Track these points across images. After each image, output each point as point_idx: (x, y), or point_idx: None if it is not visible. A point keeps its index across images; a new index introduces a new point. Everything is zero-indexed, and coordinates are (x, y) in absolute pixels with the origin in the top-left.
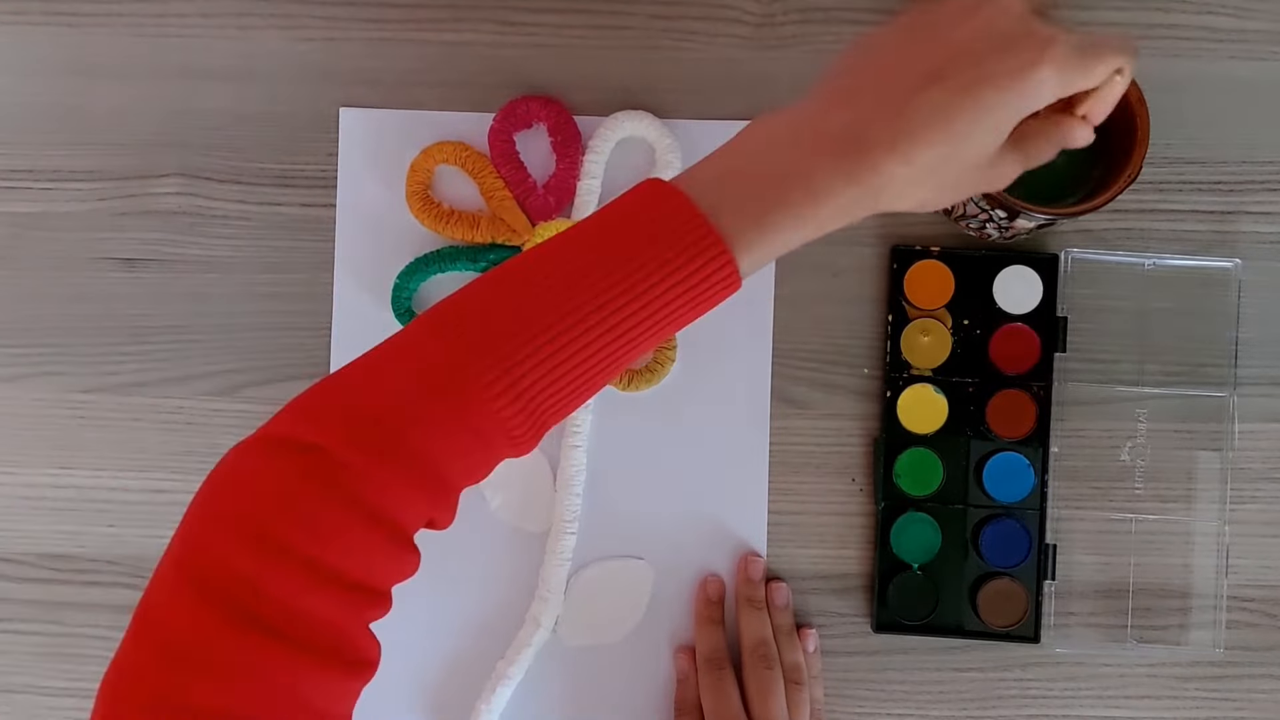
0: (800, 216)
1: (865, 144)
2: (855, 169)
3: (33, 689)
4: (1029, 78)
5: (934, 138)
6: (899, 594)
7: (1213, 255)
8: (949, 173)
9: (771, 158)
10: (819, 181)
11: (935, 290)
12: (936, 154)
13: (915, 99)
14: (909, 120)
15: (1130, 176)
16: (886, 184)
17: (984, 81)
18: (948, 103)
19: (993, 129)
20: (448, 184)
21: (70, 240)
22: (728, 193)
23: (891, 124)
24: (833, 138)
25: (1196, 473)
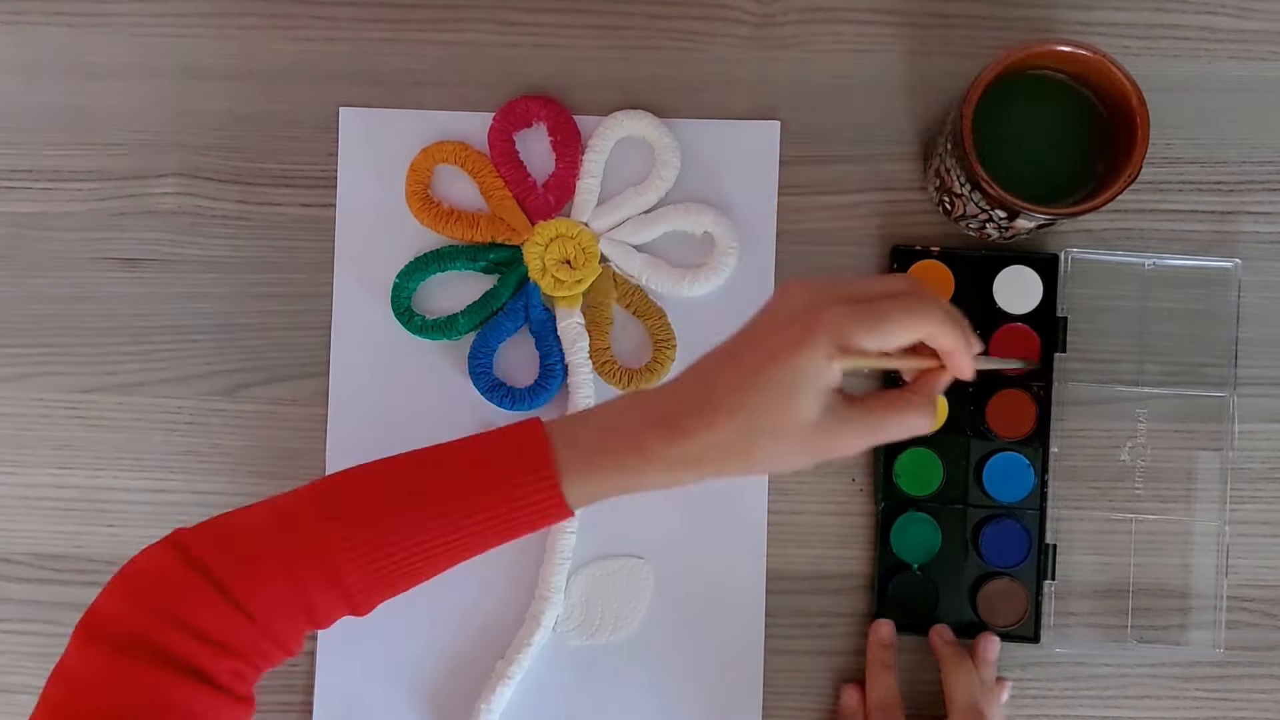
0: (624, 468)
1: (681, 415)
2: (671, 434)
3: (33, 689)
4: (803, 348)
5: (731, 407)
6: (899, 594)
7: (1212, 255)
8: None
9: (619, 418)
10: (644, 443)
11: (935, 289)
12: (739, 423)
13: (718, 378)
14: (711, 394)
15: (1130, 176)
16: (704, 450)
17: (764, 357)
18: (739, 378)
19: (787, 397)
20: (447, 183)
21: (70, 240)
22: (577, 437)
23: (701, 398)
24: (662, 408)
25: (1196, 472)
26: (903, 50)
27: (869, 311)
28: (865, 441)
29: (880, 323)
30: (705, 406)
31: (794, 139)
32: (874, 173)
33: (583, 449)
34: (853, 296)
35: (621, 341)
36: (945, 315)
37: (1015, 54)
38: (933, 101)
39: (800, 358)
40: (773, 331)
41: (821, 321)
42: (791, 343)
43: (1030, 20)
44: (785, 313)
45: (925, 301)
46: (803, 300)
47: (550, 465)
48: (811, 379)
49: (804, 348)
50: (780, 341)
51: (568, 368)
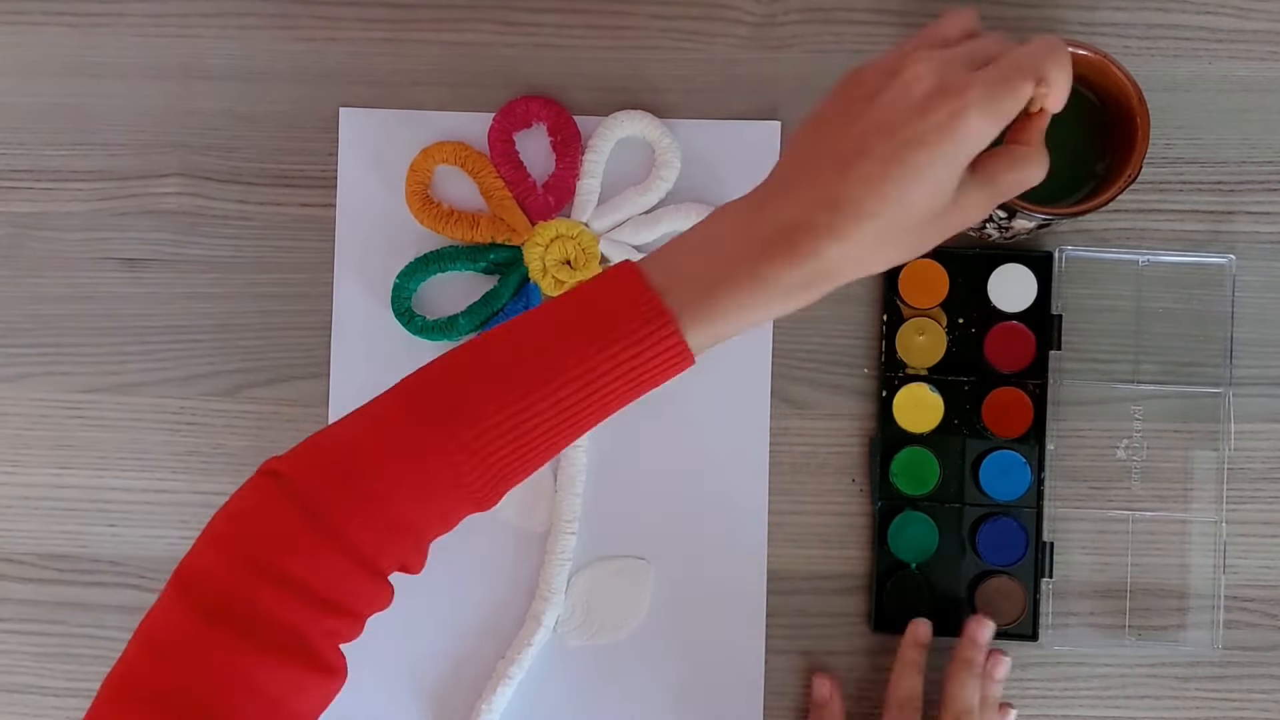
0: (744, 304)
1: (803, 232)
2: (798, 258)
3: (34, 689)
4: (954, 130)
5: (869, 211)
6: (897, 593)
7: (1207, 251)
8: (904, 232)
9: (723, 249)
10: (764, 274)
11: (930, 289)
12: (878, 225)
13: (845, 179)
14: (841, 201)
15: (1130, 176)
16: (833, 265)
17: (908, 146)
18: (875, 175)
19: (930, 186)
20: (447, 184)
21: (71, 240)
22: (681, 278)
23: (827, 209)
24: (775, 230)
25: (1193, 470)
26: None
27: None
28: (991, 206)
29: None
30: (835, 215)
31: None
32: None
33: (695, 289)
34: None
35: None
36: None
37: None
38: None
39: (951, 142)
40: (907, 120)
41: (970, 102)
42: (939, 128)
43: (1030, 20)
44: (915, 93)
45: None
46: (932, 78)
47: (665, 314)
48: (959, 162)
49: (955, 133)
50: (922, 129)
51: None
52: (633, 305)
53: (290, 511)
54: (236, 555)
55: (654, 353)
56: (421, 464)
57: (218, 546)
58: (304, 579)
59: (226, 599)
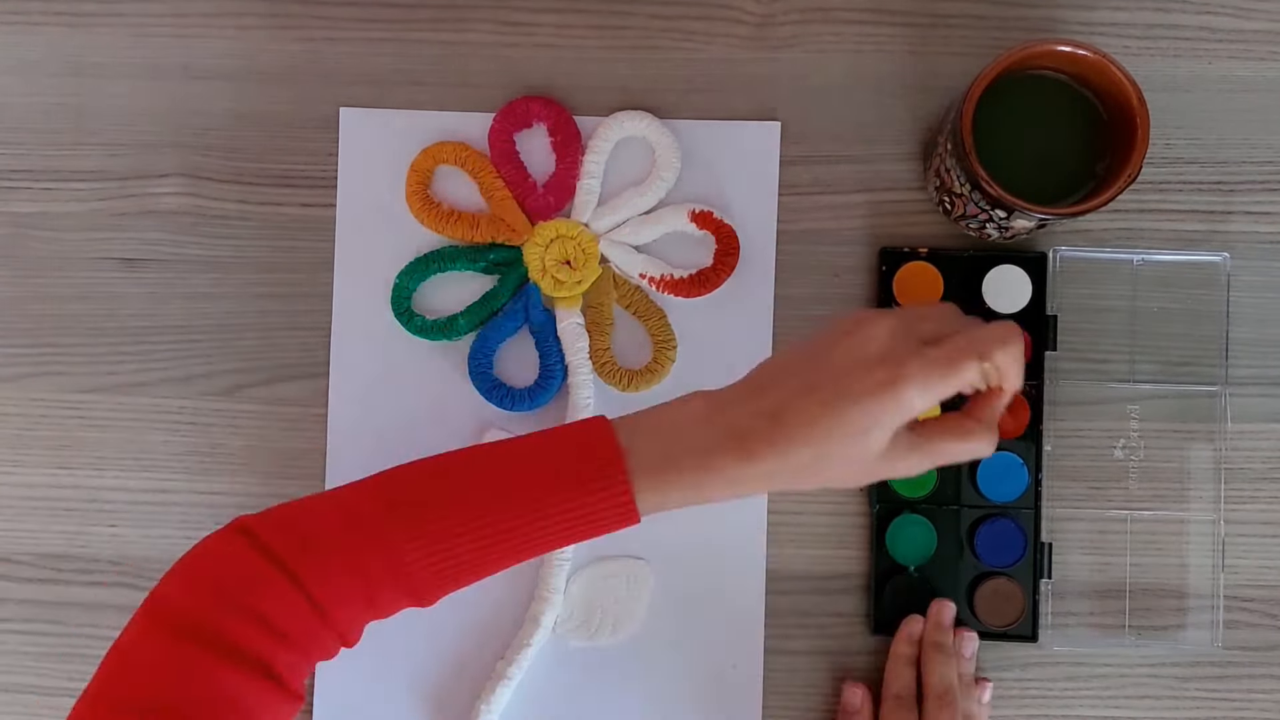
0: (690, 484)
1: (751, 438)
2: (742, 456)
3: (34, 689)
4: (888, 397)
5: (804, 439)
6: (896, 596)
7: (1201, 249)
8: (837, 467)
9: (686, 432)
10: (713, 464)
11: (925, 291)
12: (810, 453)
13: (791, 406)
14: (784, 424)
15: (1130, 176)
16: (771, 471)
17: (843, 397)
18: (814, 412)
19: (859, 437)
20: (448, 184)
21: (70, 240)
22: (644, 446)
23: (771, 425)
24: (729, 430)
25: (1190, 468)
26: (903, 50)
27: (952, 357)
28: (927, 466)
29: (960, 370)
30: (777, 433)
31: (794, 139)
32: (874, 173)
33: (652, 460)
34: (929, 339)
35: (621, 342)
36: (1017, 343)
37: (1015, 54)
38: (933, 101)
39: (881, 405)
40: (851, 373)
41: (906, 376)
42: (873, 389)
43: (1030, 20)
44: (864, 353)
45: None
46: (883, 342)
47: (623, 474)
48: (889, 424)
49: (886, 399)
50: (861, 387)
51: (568, 368)
52: (598, 463)
53: (255, 556)
54: (204, 587)
55: (606, 506)
56: (379, 552)
57: (186, 579)
58: (266, 613)
59: (194, 622)
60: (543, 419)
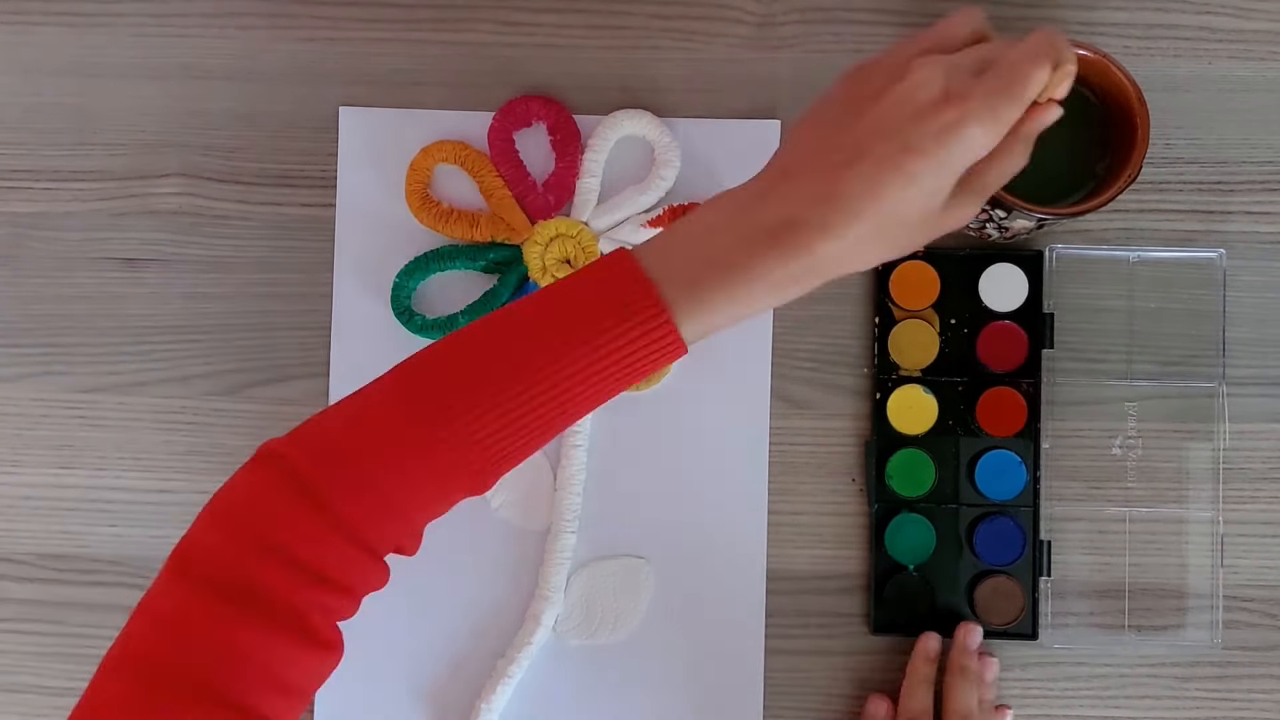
0: (737, 296)
1: (797, 228)
2: (789, 252)
3: (34, 689)
4: (953, 139)
5: (863, 211)
6: (896, 596)
7: (1197, 246)
8: (895, 232)
9: (716, 240)
10: (755, 266)
11: (921, 291)
12: (870, 225)
13: (840, 177)
14: (838, 201)
15: (1130, 176)
16: (824, 260)
17: (906, 151)
18: (871, 177)
19: (924, 192)
20: (447, 183)
21: (70, 240)
22: (673, 268)
23: (820, 205)
24: (767, 224)
25: (1189, 465)
26: None
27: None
28: (979, 205)
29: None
30: (828, 212)
31: None
32: None
33: (686, 282)
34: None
35: None
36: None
37: None
38: None
39: (951, 151)
40: (909, 123)
41: (973, 112)
42: (940, 136)
43: (1030, 20)
44: (921, 99)
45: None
46: (937, 85)
47: (658, 302)
48: (958, 169)
49: (955, 142)
50: (924, 135)
51: None
52: (629, 295)
53: (286, 490)
54: (233, 532)
55: (647, 342)
56: (416, 448)
57: (215, 524)
58: (299, 555)
59: (224, 574)
60: None
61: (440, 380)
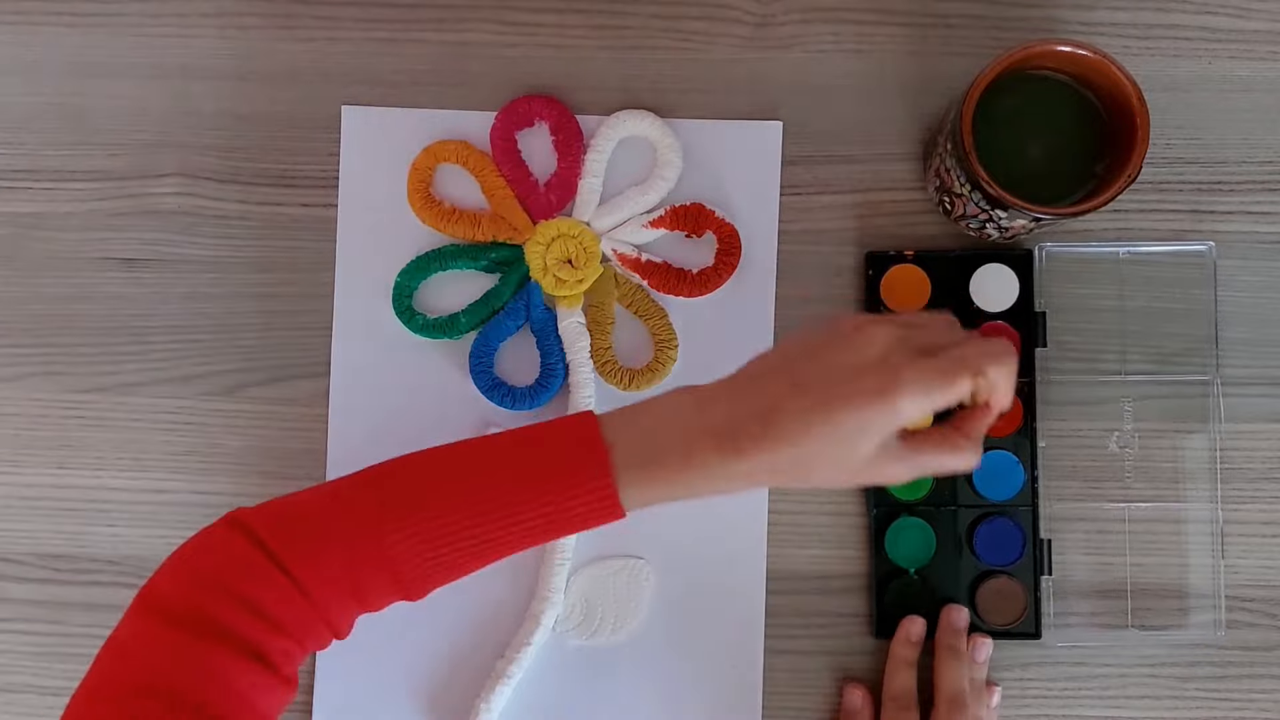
0: (676, 480)
1: (737, 436)
2: (727, 453)
3: (33, 689)
4: (882, 403)
5: (792, 440)
6: (897, 599)
7: (1187, 240)
8: (823, 468)
9: (671, 426)
10: (697, 458)
11: (912, 294)
12: (797, 453)
13: (783, 404)
14: (773, 423)
15: (1130, 176)
16: (755, 469)
17: (838, 400)
18: (806, 412)
19: (848, 441)
20: (449, 182)
21: (70, 240)
22: (630, 441)
23: (760, 422)
24: (715, 425)
25: (1186, 459)
26: (903, 50)
27: (945, 372)
28: (912, 476)
29: (955, 383)
30: (766, 431)
31: (794, 139)
32: (874, 173)
33: (637, 455)
34: (927, 349)
35: (623, 341)
36: (1011, 361)
37: (1015, 54)
38: (933, 101)
39: (875, 411)
40: (846, 376)
41: (903, 382)
42: (868, 395)
43: (1030, 20)
44: (861, 358)
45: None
46: (880, 347)
47: (608, 471)
48: (880, 430)
49: (881, 404)
50: (855, 390)
51: (568, 367)
52: (583, 455)
53: (247, 546)
54: (197, 577)
55: (588, 502)
56: (368, 542)
57: (179, 571)
58: (258, 600)
59: (187, 611)
60: (544, 418)
61: (403, 489)
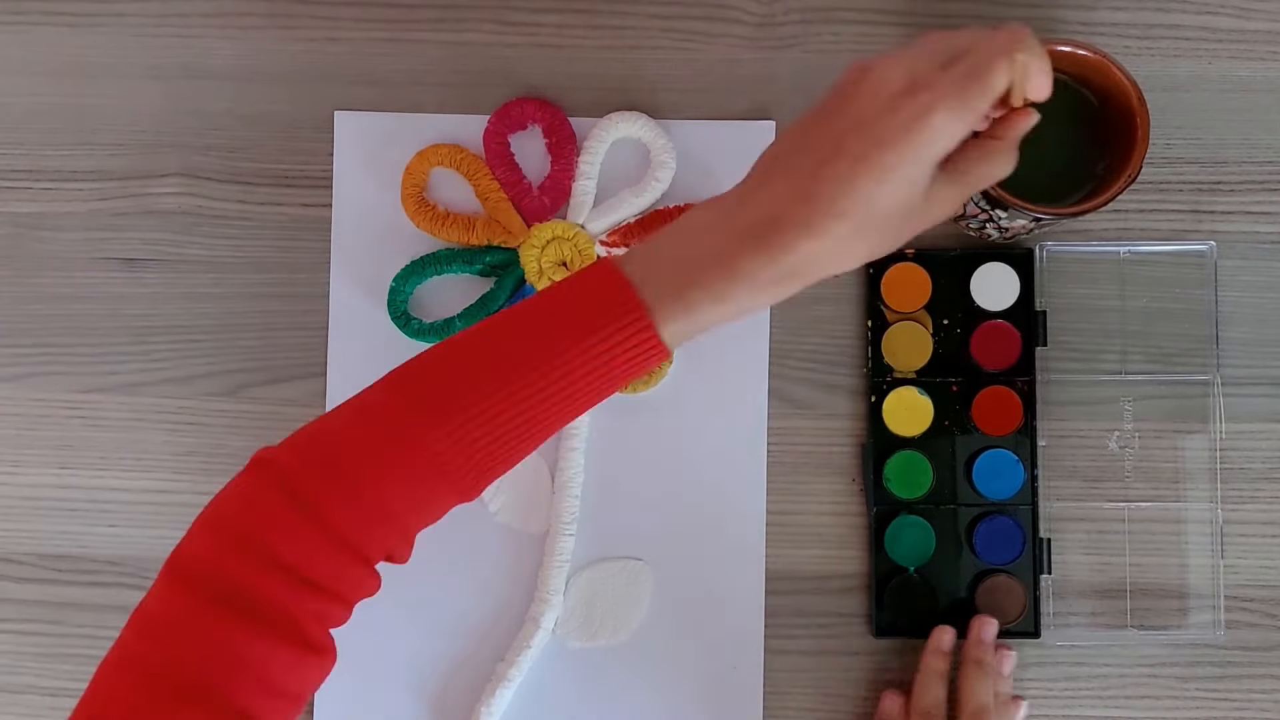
0: (719, 297)
1: (779, 227)
2: (772, 252)
3: (34, 689)
4: (921, 129)
5: (842, 208)
6: (897, 598)
7: (1189, 240)
8: (877, 228)
9: (699, 242)
10: (739, 266)
11: (912, 292)
12: (851, 221)
13: (819, 176)
14: (815, 199)
15: (1130, 176)
16: (807, 260)
17: (878, 145)
18: (848, 173)
19: (900, 184)
20: (443, 186)
21: (70, 240)
22: (656, 270)
23: (801, 205)
24: (750, 225)
25: (1186, 458)
26: None
27: (975, 71)
28: (961, 200)
29: (990, 77)
30: (809, 211)
31: None
32: None
33: (671, 284)
34: (949, 57)
35: None
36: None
37: None
38: None
39: (919, 139)
40: (877, 118)
41: (939, 99)
42: (907, 124)
43: (1030, 20)
44: (884, 93)
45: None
46: (897, 79)
47: (639, 308)
48: (930, 158)
49: (923, 131)
50: (891, 127)
51: None
52: (608, 299)
53: (279, 498)
54: (226, 539)
55: (628, 345)
56: (406, 452)
57: (208, 532)
58: (291, 561)
59: (217, 580)
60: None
61: (432, 384)
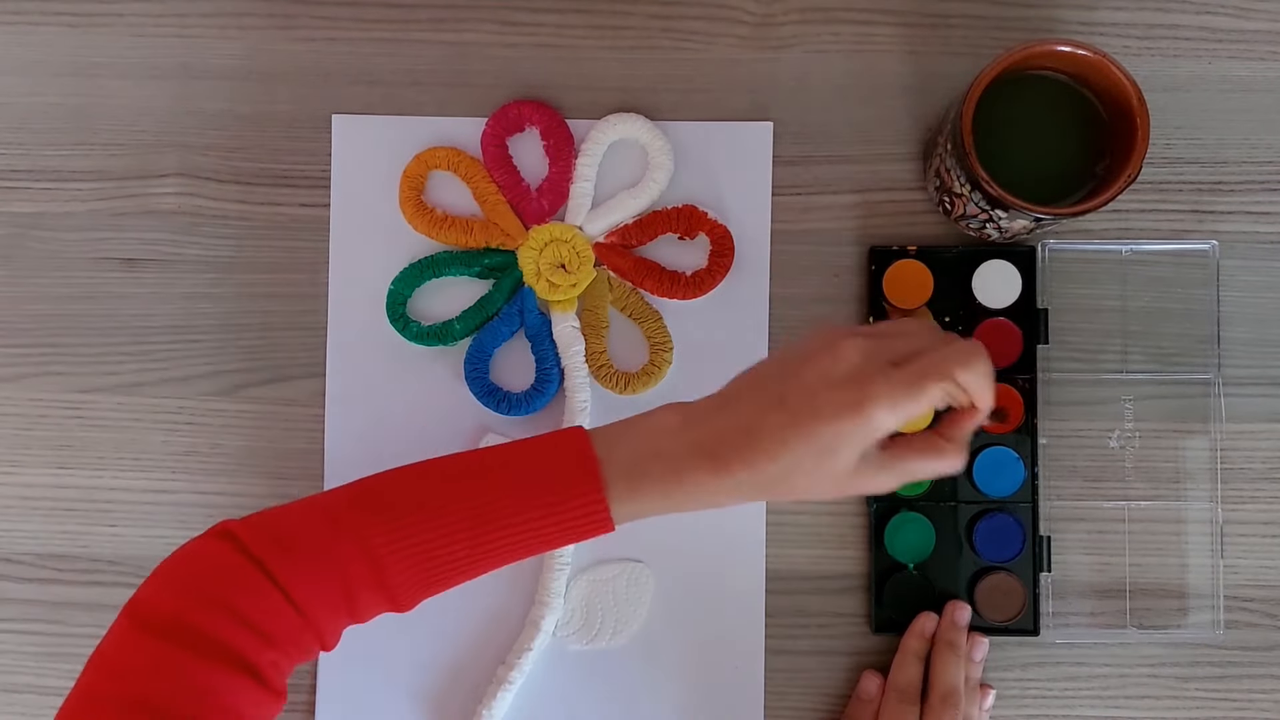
0: (665, 495)
1: (723, 452)
2: (714, 467)
3: (34, 689)
4: (856, 415)
5: (773, 455)
6: (896, 594)
7: (1192, 239)
8: (806, 482)
9: (659, 442)
10: (686, 476)
11: (914, 289)
12: (778, 468)
13: (763, 421)
14: (755, 439)
15: (1130, 176)
16: (740, 484)
17: (812, 415)
18: (784, 428)
19: (827, 453)
20: (441, 189)
21: (70, 240)
22: (619, 455)
23: (745, 438)
24: (702, 440)
25: (1186, 457)
26: (902, 50)
27: (916, 378)
28: (897, 484)
29: (923, 390)
30: (749, 448)
31: (793, 139)
32: (873, 173)
33: (626, 470)
34: (898, 357)
35: (618, 345)
36: (980, 362)
37: (1015, 54)
38: (933, 101)
39: (849, 424)
40: (820, 390)
41: (873, 395)
42: (841, 408)
43: (1030, 20)
44: (835, 371)
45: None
46: (853, 362)
47: (599, 483)
48: (857, 442)
49: (855, 417)
50: (828, 403)
51: (564, 371)
52: (576, 472)
53: (236, 557)
54: (184, 588)
55: (581, 514)
56: (355, 553)
57: (167, 581)
58: (246, 611)
59: (175, 622)
60: (540, 423)
61: (399, 501)
